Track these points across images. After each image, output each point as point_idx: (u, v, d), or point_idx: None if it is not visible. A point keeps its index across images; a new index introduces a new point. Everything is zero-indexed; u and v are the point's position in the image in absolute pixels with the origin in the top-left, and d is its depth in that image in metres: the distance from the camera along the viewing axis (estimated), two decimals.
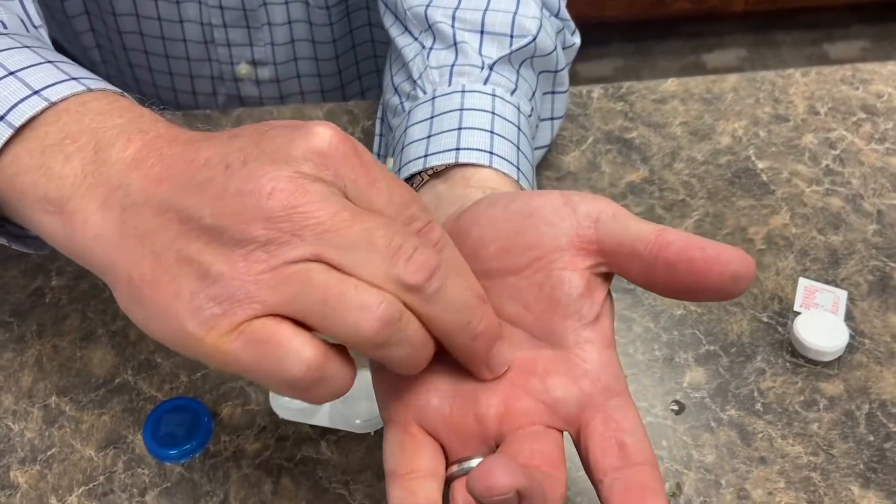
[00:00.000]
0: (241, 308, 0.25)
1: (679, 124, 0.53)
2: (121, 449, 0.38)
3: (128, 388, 0.40)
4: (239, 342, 0.25)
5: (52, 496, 0.36)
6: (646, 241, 0.29)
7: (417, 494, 0.29)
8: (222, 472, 0.37)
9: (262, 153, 0.26)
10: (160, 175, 0.27)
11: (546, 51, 0.44)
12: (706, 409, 0.39)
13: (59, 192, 0.28)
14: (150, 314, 0.27)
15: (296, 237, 0.25)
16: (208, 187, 0.26)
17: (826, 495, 0.36)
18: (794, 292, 0.43)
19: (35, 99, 0.29)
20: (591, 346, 0.30)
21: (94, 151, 0.29)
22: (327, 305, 0.25)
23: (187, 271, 0.26)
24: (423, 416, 0.30)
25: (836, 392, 0.40)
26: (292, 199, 0.25)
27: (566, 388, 0.29)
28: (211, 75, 0.61)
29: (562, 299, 0.30)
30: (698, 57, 1.78)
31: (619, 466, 0.28)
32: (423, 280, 0.26)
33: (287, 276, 0.25)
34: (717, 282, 0.28)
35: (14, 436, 0.38)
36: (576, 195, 0.31)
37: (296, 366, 0.25)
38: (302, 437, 0.38)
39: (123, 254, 0.27)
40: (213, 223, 0.26)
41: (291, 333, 0.25)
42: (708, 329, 0.42)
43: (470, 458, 0.30)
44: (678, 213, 0.48)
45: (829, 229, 0.47)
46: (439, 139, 0.39)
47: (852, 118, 0.53)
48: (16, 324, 0.42)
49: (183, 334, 0.26)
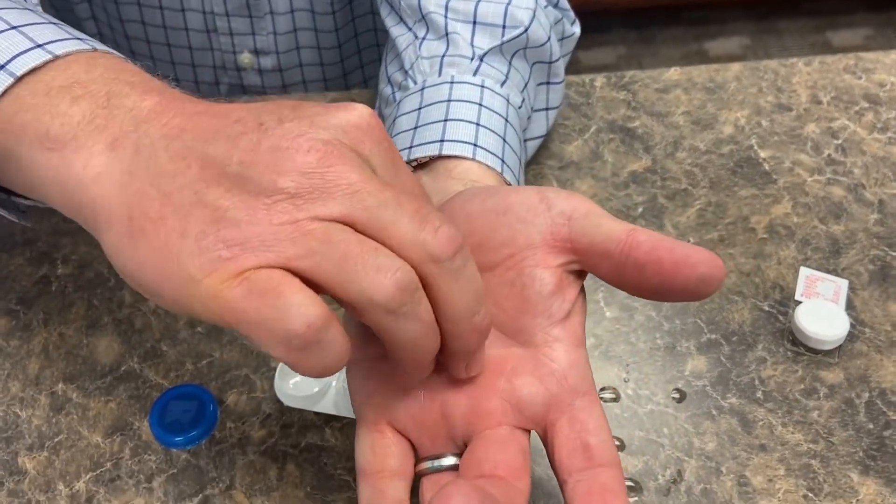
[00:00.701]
0: (251, 254, 0.24)
1: (682, 113, 0.53)
2: (127, 436, 0.38)
3: (134, 375, 0.40)
4: (240, 289, 0.24)
5: (59, 482, 0.37)
6: (616, 241, 0.29)
7: (386, 494, 0.29)
8: (228, 459, 0.37)
9: (298, 116, 0.26)
10: (183, 126, 0.26)
11: (539, 42, 0.44)
12: (707, 397, 0.40)
13: (62, 130, 0.27)
14: (145, 254, 0.25)
15: (326, 194, 0.25)
16: (240, 140, 0.25)
17: (826, 482, 0.37)
18: (796, 281, 0.44)
19: (38, 51, 0.28)
20: (559, 344, 0.30)
21: (107, 98, 0.28)
22: (345, 264, 0.24)
23: (200, 213, 0.25)
24: (393, 416, 0.30)
25: (837, 380, 0.40)
26: (329, 158, 0.25)
27: (532, 389, 0.29)
28: (213, 64, 0.61)
29: (532, 297, 0.30)
30: (701, 44, 1.77)
31: (582, 468, 0.28)
32: (451, 252, 0.26)
33: (308, 230, 0.24)
34: (685, 283, 0.28)
35: (21, 422, 0.39)
36: (551, 192, 0.31)
37: (297, 320, 0.23)
38: (307, 425, 0.38)
39: (127, 193, 0.26)
40: (239, 171, 0.25)
41: (298, 287, 0.24)
42: (709, 318, 0.43)
43: (441, 456, 0.30)
44: (680, 203, 0.48)
45: (830, 219, 0.47)
46: (425, 130, 0.39)
47: (855, 107, 0.53)
48: (22, 312, 0.43)
49: (179, 276, 0.24)
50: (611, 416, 0.39)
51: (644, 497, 0.36)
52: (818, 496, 0.36)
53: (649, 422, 0.39)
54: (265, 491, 0.36)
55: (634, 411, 0.39)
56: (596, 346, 0.42)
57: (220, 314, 0.24)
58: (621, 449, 0.38)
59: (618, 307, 0.43)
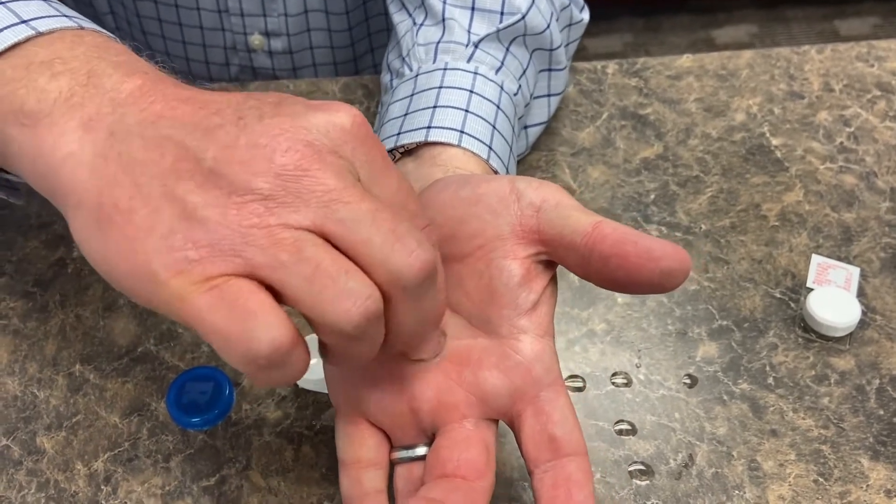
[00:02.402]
0: (220, 259, 0.23)
1: (694, 100, 0.53)
2: (144, 416, 0.39)
3: (150, 357, 0.41)
4: (207, 297, 0.23)
5: (78, 461, 0.37)
6: (582, 233, 0.29)
7: (363, 483, 0.30)
8: (244, 440, 0.38)
9: (280, 113, 0.25)
10: (161, 112, 0.26)
11: (537, 29, 0.44)
12: (719, 382, 0.40)
13: (37, 106, 0.26)
14: (111, 245, 0.24)
15: (300, 200, 0.24)
16: (217, 133, 0.25)
17: (836, 467, 0.37)
18: (807, 269, 0.44)
19: (22, 27, 0.28)
20: (525, 336, 0.30)
21: (88, 76, 0.27)
22: (314, 284, 0.23)
23: (170, 208, 0.24)
24: (365, 409, 0.31)
25: (848, 367, 0.40)
26: (307, 161, 0.24)
27: (497, 381, 0.30)
28: (224, 45, 0.61)
29: (499, 288, 0.30)
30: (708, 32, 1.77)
31: (548, 458, 0.29)
32: (420, 278, 0.25)
33: (280, 239, 0.23)
34: (650, 277, 0.28)
35: (40, 403, 0.39)
36: (522, 182, 0.31)
37: (263, 341, 0.23)
38: (321, 407, 0.39)
39: (98, 178, 0.25)
40: (213, 166, 0.24)
41: (268, 306, 0.23)
42: (721, 304, 0.43)
43: (414, 447, 0.31)
44: (692, 190, 0.48)
45: (842, 206, 0.47)
46: (414, 117, 0.39)
47: (867, 95, 0.53)
48: (39, 294, 0.43)
49: (144, 273, 0.23)
50: (623, 401, 0.39)
51: (655, 480, 0.37)
52: (828, 481, 0.37)
53: (661, 406, 0.39)
54: (281, 472, 0.37)
55: (646, 396, 0.39)
56: (608, 331, 0.42)
57: (184, 318, 0.24)
58: (633, 433, 0.38)
59: (627, 295, 0.43)
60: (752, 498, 0.36)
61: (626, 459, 0.37)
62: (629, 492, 0.36)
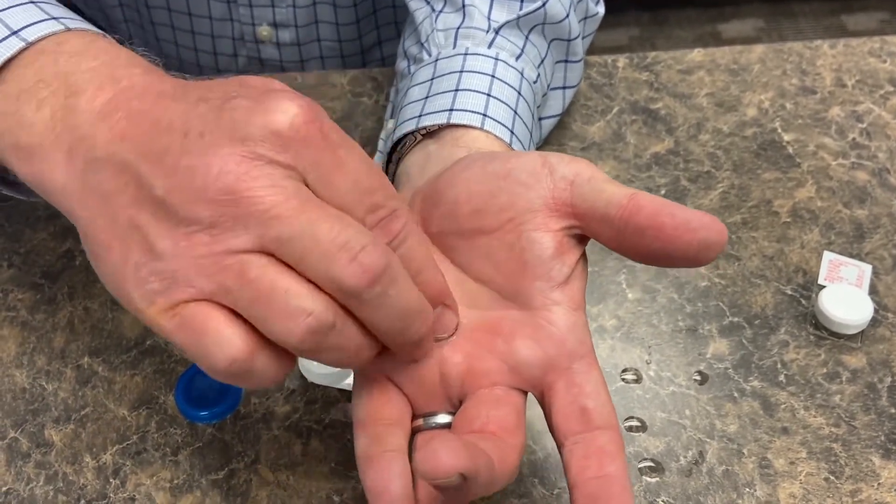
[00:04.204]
0: (178, 289, 0.25)
1: (705, 95, 0.52)
2: (153, 409, 0.38)
3: (158, 350, 0.40)
4: (173, 322, 0.25)
5: (86, 454, 0.37)
6: (617, 206, 0.28)
7: (384, 441, 0.29)
8: (253, 434, 0.38)
9: (219, 126, 0.25)
10: (125, 132, 0.27)
11: (557, 18, 0.43)
12: (729, 379, 0.40)
13: (29, 140, 0.28)
14: (104, 274, 0.27)
15: (239, 224, 0.25)
16: (164, 157, 0.26)
17: (847, 466, 0.37)
18: (819, 266, 0.44)
19: (13, 40, 0.29)
20: (558, 308, 0.30)
21: (65, 97, 0.28)
22: (258, 306, 0.25)
23: (136, 240, 0.26)
24: (391, 371, 0.30)
25: (859, 365, 0.40)
26: (239, 182, 0.24)
27: (530, 351, 0.29)
28: (232, 36, 0.61)
29: (531, 260, 0.30)
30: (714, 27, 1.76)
31: (579, 430, 0.28)
32: (364, 285, 0.25)
33: (225, 265, 0.25)
34: (686, 248, 0.27)
35: (48, 395, 0.39)
36: (554, 157, 0.30)
37: (220, 357, 0.25)
38: (331, 401, 0.39)
39: (85, 209, 0.27)
40: (162, 196, 0.25)
41: (222, 324, 0.25)
42: (732, 301, 0.43)
43: (436, 414, 0.30)
44: (703, 185, 0.48)
45: (854, 203, 0.47)
46: (435, 100, 0.39)
47: (880, 91, 0.53)
48: (47, 285, 0.43)
49: (130, 301, 0.26)
50: (633, 398, 0.39)
51: (665, 478, 0.36)
52: (840, 479, 0.36)
53: (671, 403, 0.39)
54: (290, 466, 0.37)
55: (656, 393, 0.39)
56: (618, 327, 0.42)
57: (167, 339, 0.26)
58: (643, 430, 0.38)
59: (640, 289, 0.43)
60: (762, 496, 0.36)
61: (636, 456, 0.37)
62: (639, 489, 0.36)
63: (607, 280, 0.43)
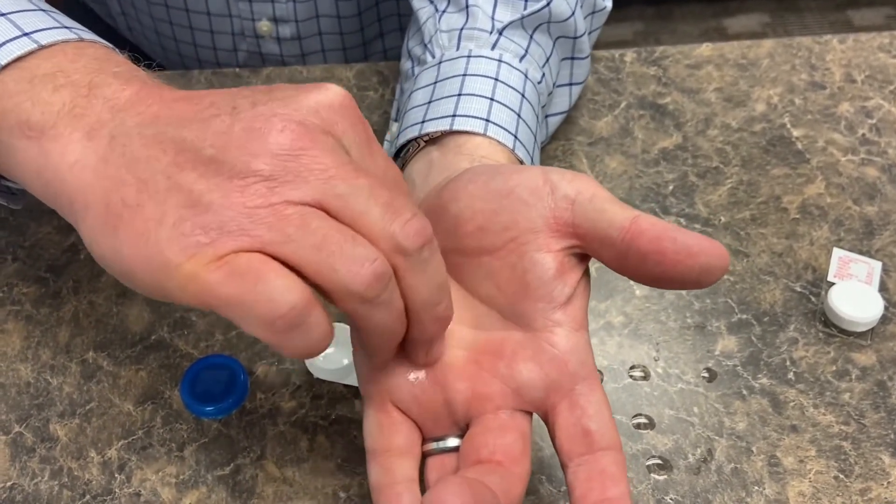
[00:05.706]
0: (230, 238, 0.24)
1: (713, 90, 0.52)
2: (158, 404, 0.38)
3: (164, 344, 0.40)
4: (220, 273, 0.24)
5: (91, 449, 0.37)
6: (619, 228, 0.28)
7: (394, 473, 0.29)
8: (259, 429, 0.37)
9: (272, 98, 0.27)
10: (158, 112, 0.27)
11: (562, 16, 0.43)
12: (738, 377, 0.39)
13: (42, 118, 0.28)
14: (123, 241, 0.25)
15: (300, 178, 0.25)
16: (213, 123, 0.26)
17: (857, 464, 0.37)
18: (828, 262, 0.43)
19: (24, 40, 0.29)
20: (560, 329, 0.30)
21: (89, 88, 0.28)
22: (323, 252, 0.25)
23: (176, 198, 0.25)
24: (396, 396, 0.30)
25: (869, 363, 0.40)
26: (302, 140, 0.25)
27: (532, 374, 0.30)
28: (231, 31, 0.61)
29: (533, 282, 0.30)
30: (719, 21, 1.75)
31: (583, 453, 0.29)
32: (418, 245, 0.26)
33: (285, 215, 0.25)
34: (688, 273, 0.28)
35: (53, 390, 0.39)
36: (556, 174, 0.30)
37: (280, 303, 0.24)
38: (336, 397, 0.38)
39: (104, 179, 0.26)
40: (213, 154, 0.25)
41: (279, 271, 0.24)
42: (740, 298, 0.42)
43: (445, 438, 0.31)
44: (711, 181, 0.47)
45: (864, 199, 0.46)
46: (438, 105, 0.39)
47: (889, 86, 0.52)
48: (52, 280, 0.43)
49: (158, 261, 0.25)
50: (640, 395, 0.39)
51: (674, 475, 0.36)
52: (849, 477, 0.36)
53: (679, 400, 0.39)
54: (296, 462, 0.36)
55: (664, 390, 0.39)
56: (626, 324, 0.41)
57: (200, 297, 0.24)
58: (651, 427, 0.38)
59: (645, 287, 0.43)
60: (771, 494, 0.36)
61: (644, 454, 0.37)
62: (647, 486, 0.36)
63: (615, 276, 0.43)
